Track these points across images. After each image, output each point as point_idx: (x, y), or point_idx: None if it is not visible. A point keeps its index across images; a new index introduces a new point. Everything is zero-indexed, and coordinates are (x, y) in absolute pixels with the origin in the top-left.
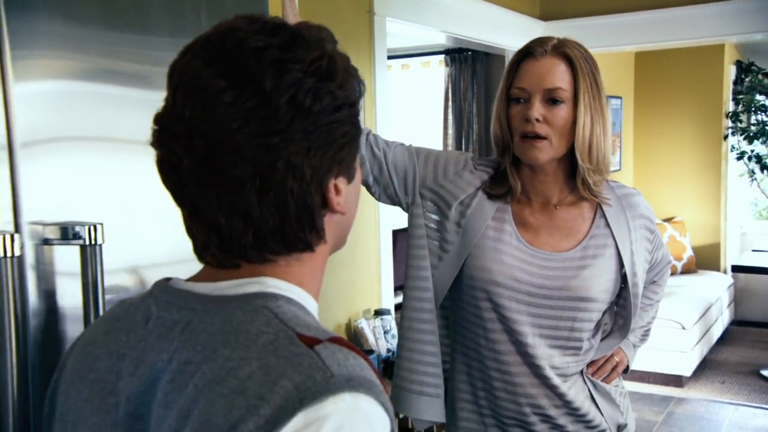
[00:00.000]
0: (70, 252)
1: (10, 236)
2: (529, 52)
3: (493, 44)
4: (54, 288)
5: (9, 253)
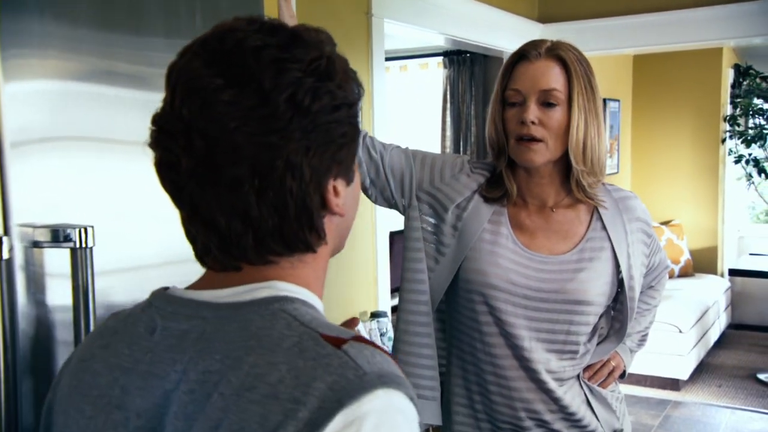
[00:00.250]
0: (60, 255)
1: (0, 239)
2: (523, 55)
3: (492, 46)
4: (44, 291)
5: None
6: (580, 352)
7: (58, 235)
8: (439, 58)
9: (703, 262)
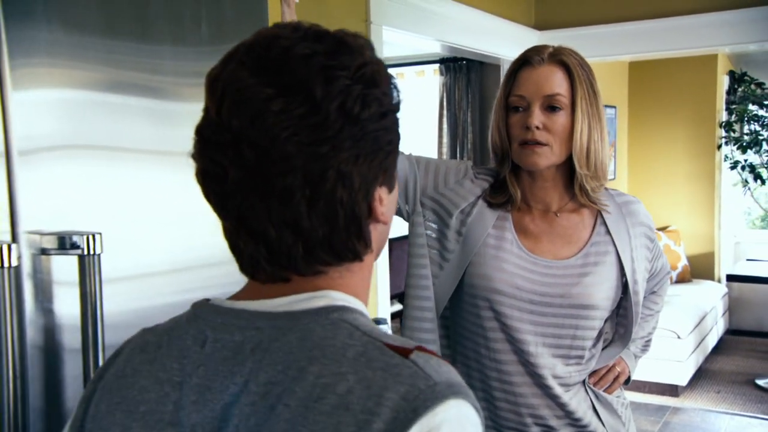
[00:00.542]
0: (68, 262)
1: (7, 246)
2: (526, 61)
3: (489, 53)
4: (52, 298)
5: (6, 264)
6: (585, 357)
7: (65, 243)
8: (435, 66)
9: (700, 268)
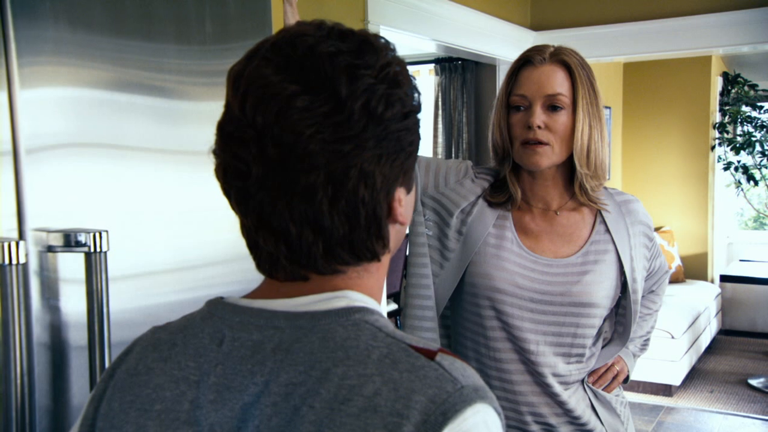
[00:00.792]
0: (74, 259)
1: (15, 244)
2: (527, 60)
3: (484, 53)
4: (58, 296)
5: (14, 261)
6: (586, 355)
7: (72, 240)
8: (431, 66)
9: (693, 269)
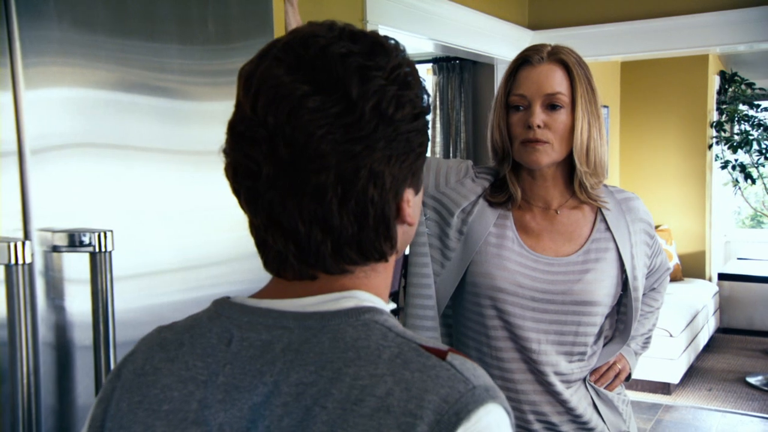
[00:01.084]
0: (79, 259)
1: (21, 244)
2: (526, 60)
3: (482, 53)
4: (63, 295)
5: (20, 261)
6: (588, 353)
7: (77, 240)
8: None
9: (691, 267)
